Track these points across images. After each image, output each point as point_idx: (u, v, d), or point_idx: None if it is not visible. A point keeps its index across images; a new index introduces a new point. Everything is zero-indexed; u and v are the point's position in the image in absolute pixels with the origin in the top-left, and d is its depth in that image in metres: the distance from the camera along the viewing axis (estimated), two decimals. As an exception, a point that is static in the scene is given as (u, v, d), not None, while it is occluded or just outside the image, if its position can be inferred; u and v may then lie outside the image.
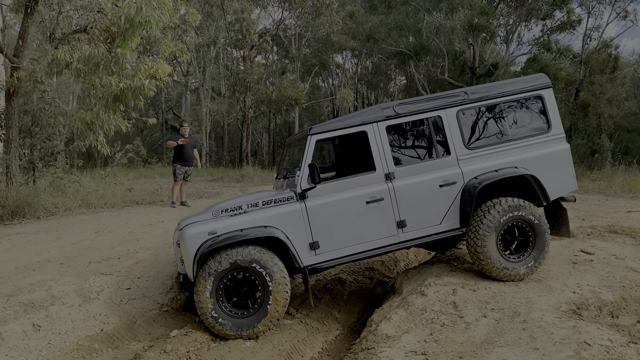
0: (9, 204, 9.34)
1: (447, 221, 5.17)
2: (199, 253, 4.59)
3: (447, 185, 5.13)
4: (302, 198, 4.89)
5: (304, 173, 4.86)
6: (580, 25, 22.39)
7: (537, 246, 5.18)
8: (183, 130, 10.51)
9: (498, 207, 5.06)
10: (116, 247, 6.98)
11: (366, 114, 5.20)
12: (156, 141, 35.16)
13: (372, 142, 5.08)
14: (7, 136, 9.95)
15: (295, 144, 5.78)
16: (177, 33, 15.97)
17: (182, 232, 4.75)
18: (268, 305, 4.68)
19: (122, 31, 8.64)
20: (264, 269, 4.65)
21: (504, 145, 5.33)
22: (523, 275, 5.13)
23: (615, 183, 13.55)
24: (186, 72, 31.91)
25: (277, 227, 4.78)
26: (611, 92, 21.38)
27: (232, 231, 4.68)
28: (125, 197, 11.74)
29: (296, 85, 25.01)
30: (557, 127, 5.50)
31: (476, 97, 5.36)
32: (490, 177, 5.12)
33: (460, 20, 21.66)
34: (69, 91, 24.20)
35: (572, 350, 3.60)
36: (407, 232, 5.08)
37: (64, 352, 4.41)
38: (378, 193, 4.99)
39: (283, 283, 4.72)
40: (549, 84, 5.55)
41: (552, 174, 5.34)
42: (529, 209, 5.14)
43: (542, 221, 5.19)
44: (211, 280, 4.59)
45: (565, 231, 5.61)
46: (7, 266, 6.10)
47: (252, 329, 4.68)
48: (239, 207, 4.89)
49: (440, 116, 5.24)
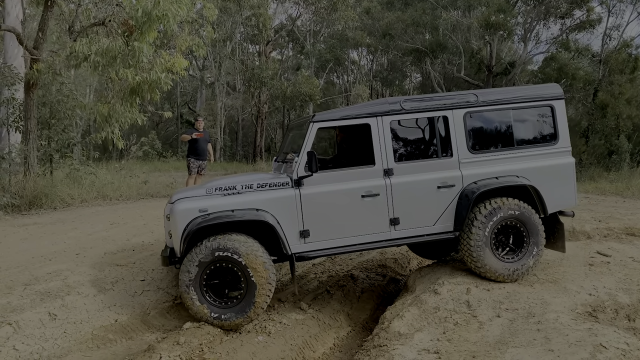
0: (27, 195, 9.48)
1: (441, 223, 5.12)
2: (187, 229, 4.58)
3: (446, 187, 5.09)
4: (298, 185, 4.85)
5: (302, 160, 4.83)
6: (600, 24, 22.04)
7: (532, 244, 5.14)
8: (198, 125, 10.56)
9: (489, 207, 5.05)
10: (131, 239, 7.05)
11: (372, 106, 5.14)
12: (171, 135, 35.39)
13: (375, 136, 5.02)
14: (26, 127, 10.08)
15: (297, 129, 5.73)
16: (194, 27, 16.03)
17: (173, 206, 4.75)
18: (253, 298, 4.64)
19: (140, 25, 8.68)
20: (245, 259, 4.60)
21: (508, 153, 5.27)
22: (520, 275, 5.10)
23: (633, 185, 13.33)
24: (202, 67, 32.04)
25: (269, 211, 4.75)
26: (630, 93, 20.98)
27: (223, 211, 4.66)
28: (140, 190, 11.87)
29: (311, 81, 24.95)
30: (564, 140, 5.41)
31: (486, 101, 5.28)
32: (490, 184, 5.08)
33: (478, 18, 21.43)
34: (87, 84, 24.43)
35: (588, 352, 3.56)
36: (399, 230, 5.04)
37: (79, 341, 4.47)
38: (375, 188, 4.96)
39: (267, 275, 4.67)
40: (562, 95, 5.46)
41: (553, 187, 5.27)
42: (520, 207, 5.09)
43: (534, 218, 5.13)
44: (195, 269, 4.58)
45: (560, 246, 5.51)
46: (24, 255, 6.20)
47: (235, 320, 4.67)
48: (234, 187, 4.87)
49: (447, 116, 5.18)
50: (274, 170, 5.74)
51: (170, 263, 4.86)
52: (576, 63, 21.91)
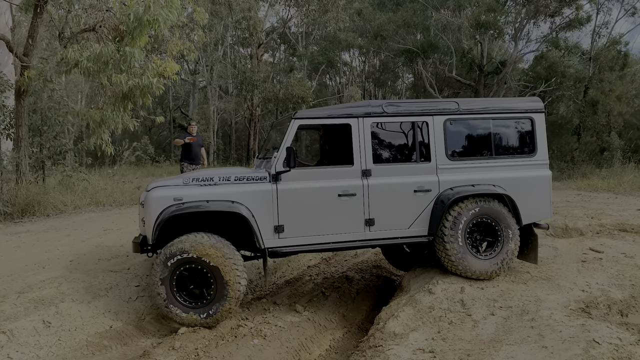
0: (19, 202, 9.43)
1: (416, 227, 5.17)
2: (160, 217, 4.60)
3: (422, 192, 5.14)
4: (275, 180, 4.88)
5: (281, 155, 4.85)
6: (589, 22, 22.17)
7: (504, 229, 5.22)
8: (191, 129, 10.55)
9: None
10: (125, 245, 7.02)
11: (354, 107, 5.20)
12: (164, 139, 35.26)
13: (355, 137, 5.06)
14: (17, 135, 10.02)
15: (279, 126, 5.77)
16: (185, 32, 16.01)
17: (148, 193, 4.77)
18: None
19: (131, 30, 8.67)
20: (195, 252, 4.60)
21: (486, 161, 5.35)
22: (509, 262, 5.20)
23: (624, 181, 13.45)
24: (194, 71, 31.97)
25: (244, 204, 4.77)
26: (621, 90, 21.14)
27: (197, 200, 4.68)
28: (133, 195, 11.81)
29: (303, 83, 24.94)
30: (542, 153, 5.51)
31: (467, 110, 5.35)
32: (465, 191, 5.15)
33: (468, 18, 21.53)
34: (78, 90, 24.30)
35: (581, 348, 3.59)
36: (374, 231, 5.08)
37: (73, 348, 4.45)
38: (351, 188, 4.99)
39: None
40: (542, 109, 5.57)
41: (529, 198, 5.35)
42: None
43: (494, 205, 5.21)
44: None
45: (533, 257, 5.56)
46: (18, 263, 6.16)
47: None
48: (211, 178, 4.89)
49: (427, 122, 5.23)
50: (255, 167, 5.77)
51: (142, 251, 4.91)
52: (566, 61, 22.05)
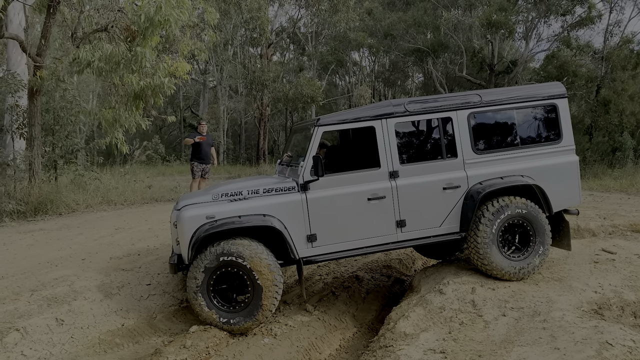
0: (32, 201, 9.54)
1: (447, 224, 5.13)
2: (195, 236, 4.58)
3: (451, 189, 5.10)
4: (304, 189, 4.85)
5: (308, 164, 4.82)
6: (601, 20, 21.97)
7: (538, 243, 5.16)
8: (201, 128, 10.61)
9: (496, 205, 5.07)
10: (136, 244, 7.08)
11: (376, 109, 5.13)
12: (174, 139, 35.46)
13: (379, 138, 5.02)
14: (30, 134, 10.14)
15: (301, 131, 5.72)
16: (196, 32, 16.08)
17: (180, 213, 4.74)
18: (260, 301, 4.65)
19: (142, 30, 8.73)
20: (249, 262, 4.60)
21: (513, 152, 5.28)
22: (526, 274, 5.12)
23: (637, 182, 13.29)
24: (204, 71, 32.10)
25: (276, 216, 4.75)
26: (633, 89, 20.89)
27: (230, 217, 4.66)
28: (144, 194, 11.91)
29: (313, 83, 24.94)
30: (568, 138, 5.43)
31: (489, 101, 5.29)
32: (495, 184, 5.09)
33: (479, 17, 21.43)
34: (90, 90, 24.50)
35: (594, 350, 3.56)
36: (405, 232, 5.05)
37: (86, 346, 4.49)
38: (380, 191, 4.96)
39: (272, 277, 4.67)
40: (564, 94, 5.47)
41: (558, 185, 5.28)
42: (527, 205, 5.11)
43: (541, 217, 5.15)
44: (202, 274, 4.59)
45: (566, 244, 5.51)
46: (31, 261, 6.23)
47: (244, 324, 4.67)
48: (240, 192, 4.86)
49: (451, 117, 5.19)
50: (277, 174, 5.74)
51: (178, 270, 4.87)
52: (578, 60, 21.85)
